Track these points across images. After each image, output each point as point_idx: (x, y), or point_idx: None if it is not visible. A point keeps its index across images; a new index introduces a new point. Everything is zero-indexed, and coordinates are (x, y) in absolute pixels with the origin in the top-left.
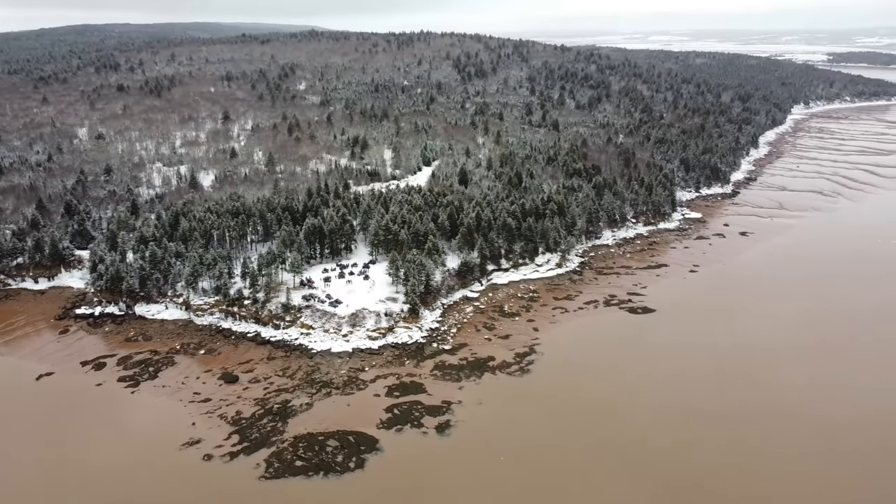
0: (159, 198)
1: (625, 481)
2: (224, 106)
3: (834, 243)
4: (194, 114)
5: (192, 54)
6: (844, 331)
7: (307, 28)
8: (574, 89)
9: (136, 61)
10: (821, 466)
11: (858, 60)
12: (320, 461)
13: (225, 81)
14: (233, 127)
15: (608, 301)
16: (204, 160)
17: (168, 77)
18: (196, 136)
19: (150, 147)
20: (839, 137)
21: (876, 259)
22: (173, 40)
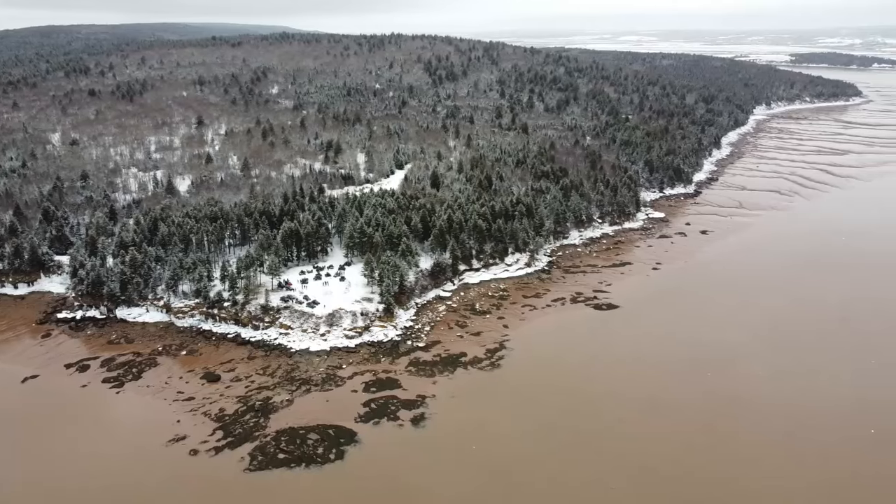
0: (136, 203)
1: (595, 467)
2: (197, 111)
3: (789, 240)
4: (168, 119)
5: (162, 58)
6: (797, 323)
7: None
8: (543, 92)
9: (106, 65)
10: (786, 453)
11: (820, 61)
12: (302, 453)
13: (197, 86)
14: (207, 132)
15: (575, 298)
16: (179, 165)
17: (140, 81)
18: (170, 141)
19: (125, 152)
20: (798, 138)
21: (829, 254)
22: (142, 43)
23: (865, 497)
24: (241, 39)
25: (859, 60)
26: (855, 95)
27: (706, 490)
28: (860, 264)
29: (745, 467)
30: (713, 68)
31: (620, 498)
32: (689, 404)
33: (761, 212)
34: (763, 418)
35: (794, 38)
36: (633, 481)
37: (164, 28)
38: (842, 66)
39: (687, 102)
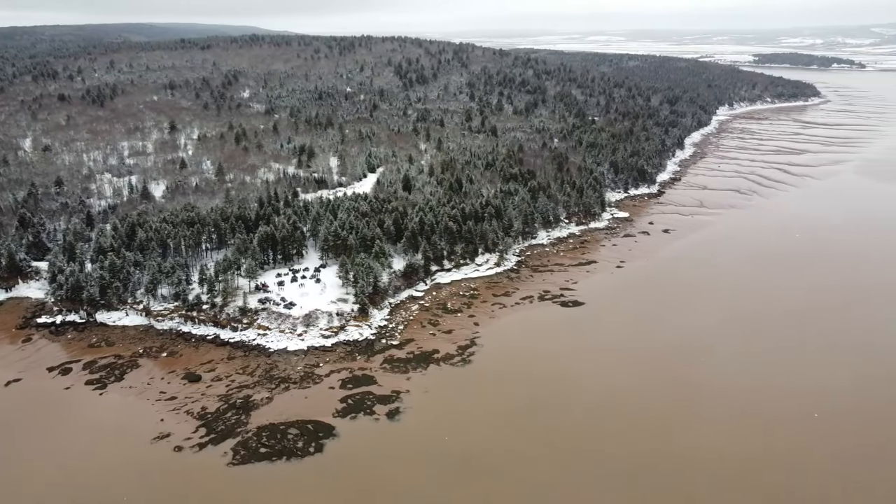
0: (112, 209)
1: (564, 455)
2: (169, 115)
3: (747, 238)
4: (140, 124)
5: (131, 61)
6: (754, 315)
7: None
8: (512, 95)
9: (74, 69)
10: (738, 434)
11: (782, 61)
12: (283, 447)
13: (168, 90)
14: (179, 137)
15: (542, 296)
16: (153, 170)
17: (110, 86)
18: (143, 146)
19: (98, 158)
20: (758, 138)
21: (784, 250)
22: (110, 45)
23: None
24: (210, 42)
25: (819, 61)
26: (814, 96)
27: (669, 474)
28: (812, 259)
29: (701, 448)
30: (678, 69)
31: (589, 484)
32: (653, 394)
33: (721, 210)
34: (719, 403)
35: (758, 39)
36: (600, 468)
37: (130, 29)
38: (803, 66)
39: (652, 104)
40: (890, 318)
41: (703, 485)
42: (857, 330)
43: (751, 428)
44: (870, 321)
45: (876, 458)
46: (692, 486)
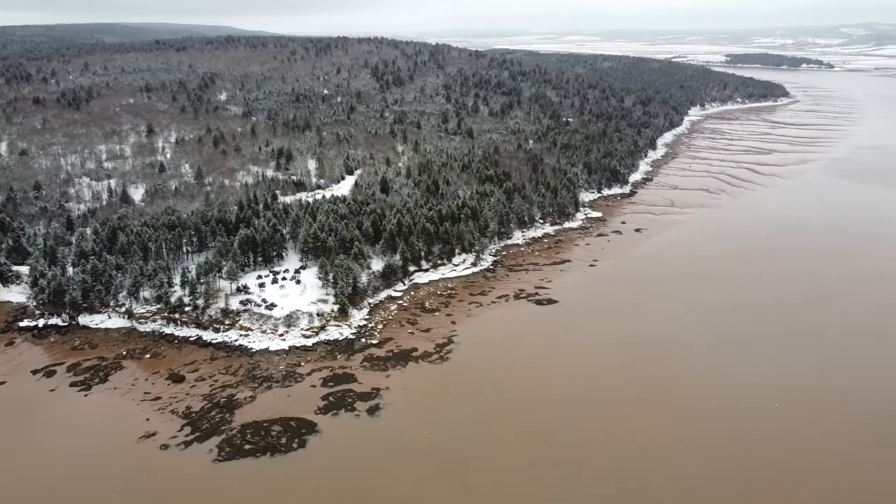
0: (91, 213)
1: (537, 447)
2: (146, 118)
3: (715, 236)
4: (117, 127)
5: (106, 63)
6: (723, 310)
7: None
8: (488, 96)
9: (48, 71)
10: (707, 427)
11: (753, 62)
12: (267, 444)
13: (144, 93)
14: (157, 140)
15: (518, 295)
16: (132, 174)
17: (85, 89)
18: (121, 149)
19: (76, 162)
20: (728, 138)
21: (751, 248)
22: (83, 46)
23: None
24: (185, 43)
25: (789, 61)
26: (783, 96)
27: (640, 462)
28: (778, 256)
29: (670, 438)
30: (651, 70)
31: (563, 473)
32: (625, 387)
33: (691, 210)
34: (687, 394)
35: (731, 39)
36: (574, 458)
37: (102, 29)
38: (773, 66)
39: (625, 105)
40: (852, 311)
41: (671, 471)
42: (821, 323)
43: (716, 418)
44: (833, 315)
45: (831, 443)
46: (661, 472)
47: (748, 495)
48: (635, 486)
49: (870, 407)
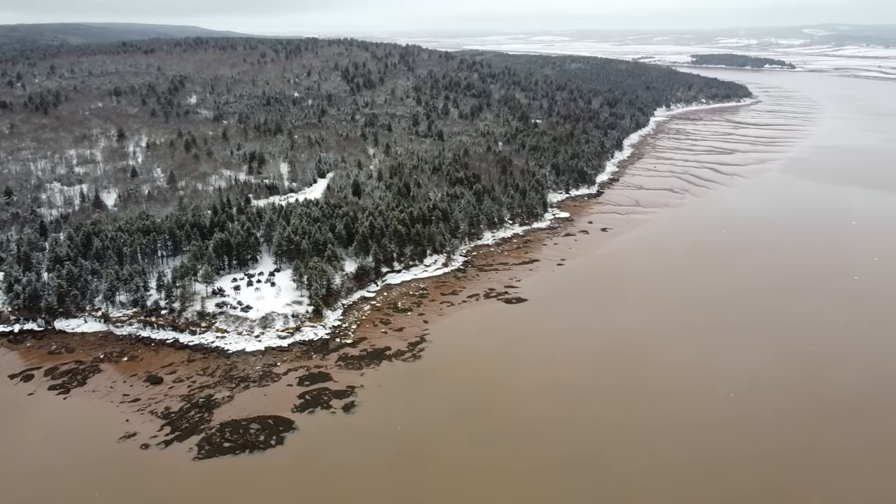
0: (64, 218)
1: (505, 441)
2: (117, 123)
3: (678, 235)
4: (86, 131)
5: (72, 66)
6: (683, 305)
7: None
8: (458, 99)
9: (13, 74)
10: (687, 435)
11: (718, 62)
12: (245, 441)
13: (113, 96)
14: (128, 144)
15: (488, 294)
16: (104, 179)
17: (52, 92)
18: (91, 154)
19: (46, 167)
20: (692, 138)
21: (711, 245)
22: (49, 48)
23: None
24: (153, 45)
25: (753, 62)
26: (746, 96)
27: (605, 453)
28: (738, 252)
29: (635, 426)
30: (618, 71)
31: (531, 465)
32: (591, 379)
33: (656, 209)
34: (650, 385)
35: (697, 39)
36: (542, 449)
37: (67, 29)
38: (737, 66)
39: (593, 106)
40: (805, 302)
41: (635, 458)
42: (777, 314)
43: (678, 406)
44: (790, 307)
45: (781, 428)
46: (626, 461)
47: (707, 475)
48: (602, 470)
49: (821, 393)
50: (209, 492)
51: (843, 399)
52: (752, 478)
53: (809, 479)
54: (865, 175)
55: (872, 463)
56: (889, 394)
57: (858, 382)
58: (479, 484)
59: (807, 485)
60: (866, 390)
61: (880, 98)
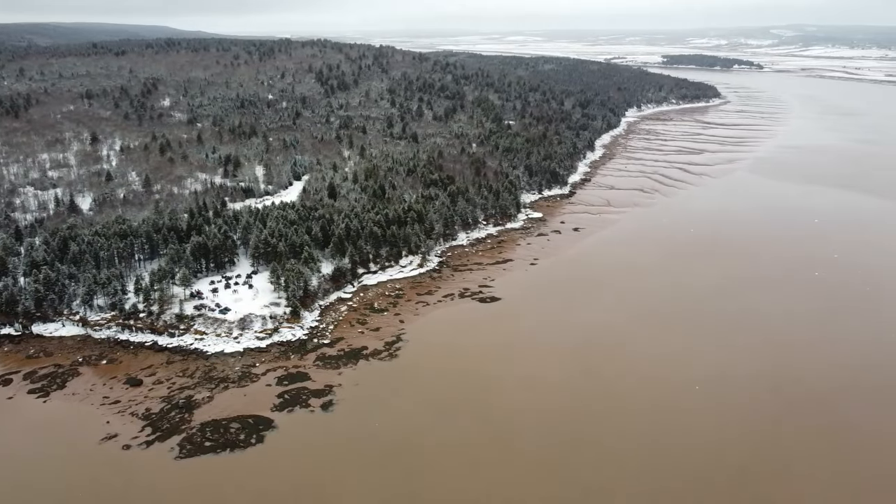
0: (39, 222)
1: (478, 434)
2: (89, 126)
3: (648, 234)
4: (59, 135)
5: (42, 68)
6: (654, 302)
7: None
8: (432, 100)
9: None
10: (665, 420)
11: (688, 62)
12: (226, 440)
13: (85, 99)
14: (102, 148)
15: (463, 293)
16: (78, 183)
17: (23, 95)
18: (64, 158)
19: (19, 172)
20: (662, 139)
21: (680, 244)
22: (16, 50)
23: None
24: (124, 47)
25: (722, 62)
26: (715, 97)
27: (577, 446)
28: (705, 251)
29: (604, 415)
30: (590, 72)
31: (504, 458)
32: (563, 375)
33: (626, 209)
34: (619, 377)
35: (668, 39)
36: (514, 443)
37: (34, 30)
38: (707, 66)
39: (565, 108)
40: (772, 297)
41: (606, 448)
42: (745, 310)
43: (651, 396)
44: (756, 302)
45: (748, 412)
46: (599, 452)
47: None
48: (579, 464)
49: (783, 380)
50: (192, 490)
51: (802, 386)
52: (720, 460)
53: (772, 462)
54: (827, 174)
55: (828, 444)
56: (845, 380)
57: (818, 369)
58: (457, 478)
59: (769, 468)
60: (825, 377)
61: (843, 98)
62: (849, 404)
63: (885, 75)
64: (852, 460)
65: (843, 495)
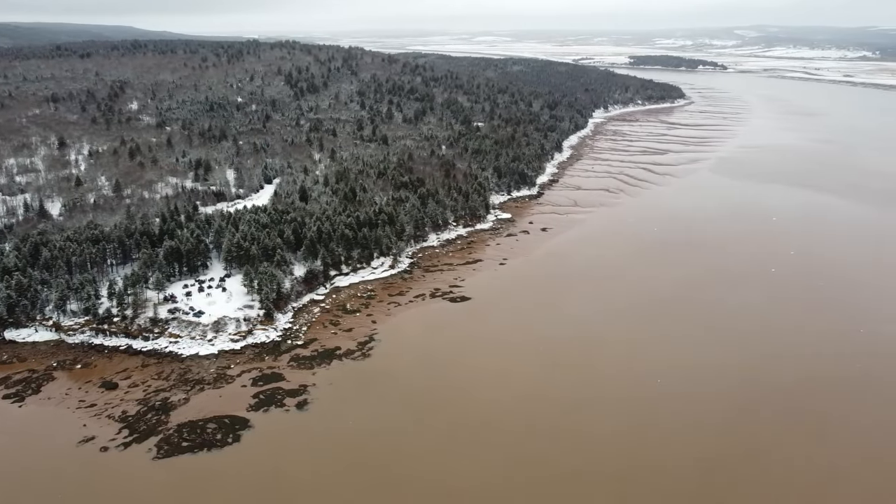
0: (8, 228)
1: (451, 428)
2: (56, 130)
3: (614, 233)
4: (25, 140)
5: (5, 71)
6: (617, 302)
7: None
8: (401, 103)
9: None
10: (637, 410)
11: (655, 63)
12: (203, 440)
13: (51, 103)
14: (70, 153)
15: (434, 293)
16: (47, 188)
17: None
18: (32, 163)
19: None
20: (628, 139)
21: (645, 243)
22: None
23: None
24: (89, 49)
25: (687, 63)
26: (679, 98)
27: (548, 440)
28: (669, 249)
29: (572, 408)
30: (558, 73)
31: (475, 453)
32: (531, 371)
33: (592, 209)
34: (584, 371)
35: (636, 40)
36: (485, 437)
37: None
38: (673, 67)
39: (533, 109)
40: (732, 293)
41: (581, 437)
42: (707, 304)
43: (615, 388)
44: (721, 302)
45: (708, 405)
46: (573, 441)
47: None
48: (549, 451)
49: (748, 372)
50: (170, 489)
51: (767, 375)
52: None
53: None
54: (786, 173)
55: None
56: (805, 370)
57: (779, 360)
58: (432, 472)
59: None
60: (787, 367)
61: (803, 98)
62: (814, 393)
63: (842, 76)
64: (822, 445)
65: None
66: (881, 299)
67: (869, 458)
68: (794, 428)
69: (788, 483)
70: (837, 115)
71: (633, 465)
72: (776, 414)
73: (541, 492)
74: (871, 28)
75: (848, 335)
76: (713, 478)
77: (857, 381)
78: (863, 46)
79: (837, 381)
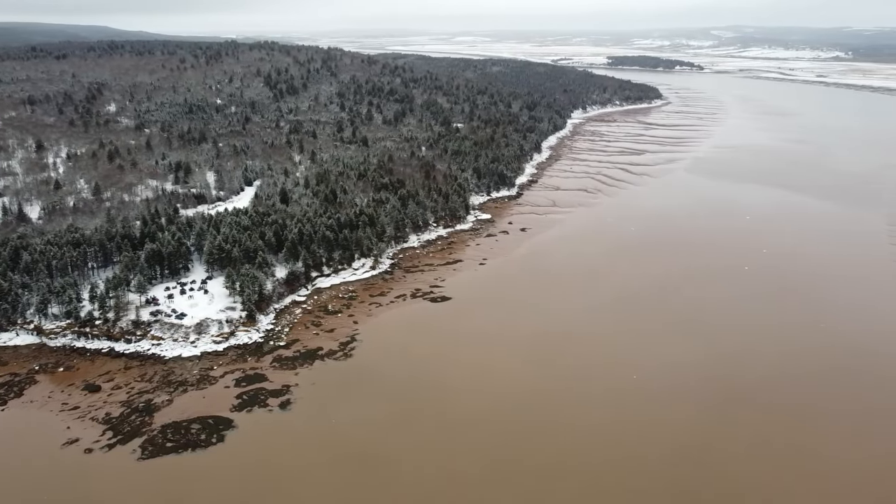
0: None
1: (431, 425)
2: (34, 133)
3: (592, 233)
4: (2, 143)
5: None
6: (596, 300)
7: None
8: (381, 104)
9: None
10: (617, 404)
11: (632, 64)
12: (187, 441)
13: (27, 105)
14: (48, 156)
15: (414, 294)
16: (25, 192)
17: None
18: (9, 166)
19: None
20: (606, 140)
21: (623, 242)
22: None
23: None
24: (65, 50)
25: (665, 63)
26: (657, 98)
27: (528, 437)
28: (646, 248)
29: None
30: (537, 74)
31: (459, 451)
32: (510, 370)
33: (571, 209)
34: (565, 369)
35: (614, 40)
36: (464, 434)
37: None
38: (650, 68)
39: (513, 110)
40: (711, 294)
41: (562, 431)
42: (683, 302)
43: (595, 383)
44: (695, 299)
45: (686, 400)
46: (555, 436)
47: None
48: (530, 446)
49: (724, 368)
50: (155, 490)
51: (744, 370)
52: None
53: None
54: (759, 172)
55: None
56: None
57: (753, 356)
58: (415, 469)
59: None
60: (761, 363)
61: (777, 98)
62: (787, 384)
63: (816, 76)
64: (798, 432)
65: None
66: (852, 295)
67: (845, 444)
68: (767, 417)
69: (763, 469)
70: (810, 116)
71: (613, 456)
72: (750, 404)
73: (524, 483)
74: (845, 28)
75: (817, 328)
76: (690, 467)
77: (829, 372)
78: (836, 47)
79: (810, 373)
